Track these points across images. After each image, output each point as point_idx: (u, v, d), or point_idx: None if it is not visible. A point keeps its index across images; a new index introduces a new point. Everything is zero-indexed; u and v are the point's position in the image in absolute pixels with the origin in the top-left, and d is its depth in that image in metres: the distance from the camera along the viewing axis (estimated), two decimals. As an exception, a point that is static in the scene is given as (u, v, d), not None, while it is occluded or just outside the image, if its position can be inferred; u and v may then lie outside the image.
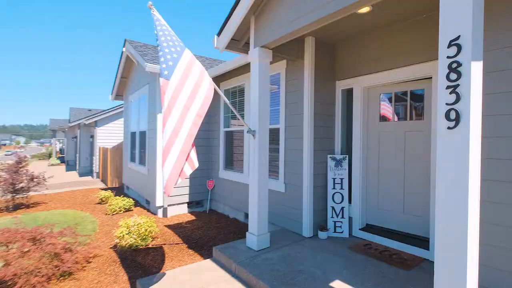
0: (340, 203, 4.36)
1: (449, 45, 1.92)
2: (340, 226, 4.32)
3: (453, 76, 1.90)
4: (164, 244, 4.65)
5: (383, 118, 4.23)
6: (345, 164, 4.39)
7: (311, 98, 4.26)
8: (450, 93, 1.91)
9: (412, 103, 3.94)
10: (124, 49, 7.79)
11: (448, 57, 1.92)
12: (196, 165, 3.44)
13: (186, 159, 3.30)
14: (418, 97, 3.86)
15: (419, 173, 3.81)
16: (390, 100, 4.16)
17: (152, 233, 4.79)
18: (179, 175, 3.06)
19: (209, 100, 3.14)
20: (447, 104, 1.92)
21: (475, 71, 1.85)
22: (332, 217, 4.37)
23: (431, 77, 3.52)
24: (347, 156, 4.42)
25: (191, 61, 3.09)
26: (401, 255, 3.59)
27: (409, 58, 3.66)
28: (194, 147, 3.53)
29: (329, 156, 4.46)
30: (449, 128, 1.91)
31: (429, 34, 3.46)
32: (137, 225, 4.63)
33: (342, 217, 4.34)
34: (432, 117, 3.46)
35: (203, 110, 3.10)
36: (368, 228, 4.29)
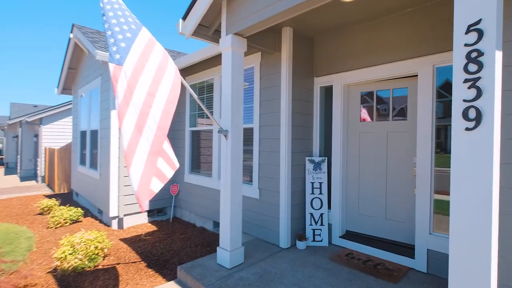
0: (319, 209, 4.03)
1: (468, 31, 1.61)
2: (320, 234, 3.99)
3: (473, 67, 1.59)
4: (118, 263, 3.94)
5: (364, 118, 3.98)
6: (324, 167, 4.08)
7: (289, 95, 3.87)
8: (469, 87, 1.60)
9: (394, 103, 3.73)
10: (71, 35, 6.75)
11: (466, 45, 1.61)
12: (177, 165, 2.88)
13: (165, 159, 2.74)
14: (401, 96, 3.66)
15: (402, 176, 3.61)
16: (371, 98, 3.92)
17: (103, 250, 4.05)
18: (160, 180, 2.52)
19: (179, 87, 2.57)
20: (464, 100, 1.61)
21: (498, 62, 1.56)
22: (310, 224, 4.03)
23: (416, 75, 3.32)
24: (326, 158, 4.11)
25: (151, 42, 2.49)
26: (386, 264, 3.34)
27: (393, 55, 3.44)
28: (170, 143, 2.95)
29: (307, 158, 4.11)
30: (467, 129, 1.60)
31: (415, 28, 3.26)
32: (85, 241, 3.86)
33: (322, 224, 4.01)
34: (417, 117, 3.26)
35: (174, 95, 2.48)
36: (349, 235, 4.02)
